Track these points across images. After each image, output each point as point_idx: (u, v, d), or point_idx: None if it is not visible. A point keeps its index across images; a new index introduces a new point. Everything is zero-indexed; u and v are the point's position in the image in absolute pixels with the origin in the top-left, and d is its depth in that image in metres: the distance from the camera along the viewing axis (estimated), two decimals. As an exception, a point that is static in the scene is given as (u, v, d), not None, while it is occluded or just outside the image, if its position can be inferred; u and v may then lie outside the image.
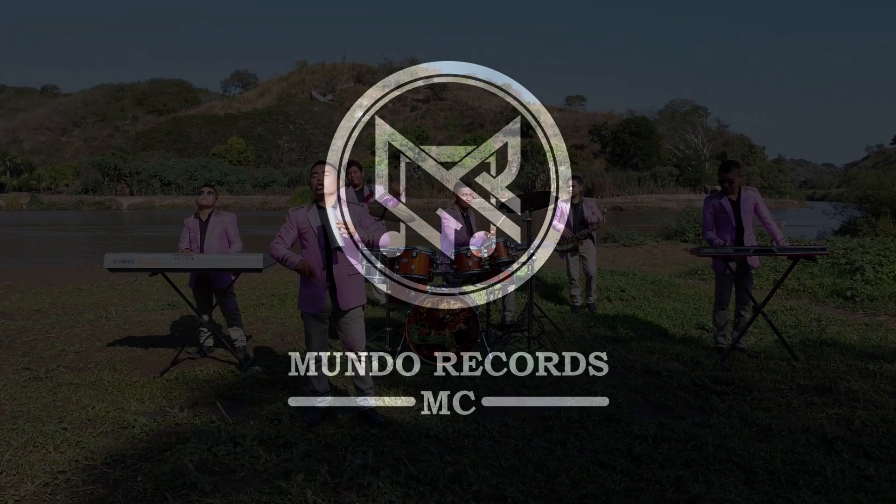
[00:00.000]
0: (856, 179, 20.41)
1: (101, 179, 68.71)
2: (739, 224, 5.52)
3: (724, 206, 5.55)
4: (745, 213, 5.51)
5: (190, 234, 5.59)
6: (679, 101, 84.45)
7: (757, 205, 5.54)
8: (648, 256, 14.56)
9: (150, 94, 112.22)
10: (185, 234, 5.62)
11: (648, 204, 61.65)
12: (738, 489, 3.16)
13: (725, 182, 5.51)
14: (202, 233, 5.55)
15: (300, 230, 4.13)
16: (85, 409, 4.31)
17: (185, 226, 5.65)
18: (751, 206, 5.52)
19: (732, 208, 5.53)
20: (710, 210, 5.67)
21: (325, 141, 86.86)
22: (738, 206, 5.53)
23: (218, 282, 5.57)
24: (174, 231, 22.62)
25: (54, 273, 12.09)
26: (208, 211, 5.62)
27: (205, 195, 5.60)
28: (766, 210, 5.57)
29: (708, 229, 5.70)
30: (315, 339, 4.17)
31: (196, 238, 5.55)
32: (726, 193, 5.56)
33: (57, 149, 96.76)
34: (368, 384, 4.21)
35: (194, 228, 5.60)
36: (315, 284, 4.08)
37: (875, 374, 5.02)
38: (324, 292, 4.08)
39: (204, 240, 5.53)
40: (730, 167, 5.53)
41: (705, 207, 5.72)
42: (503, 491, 3.08)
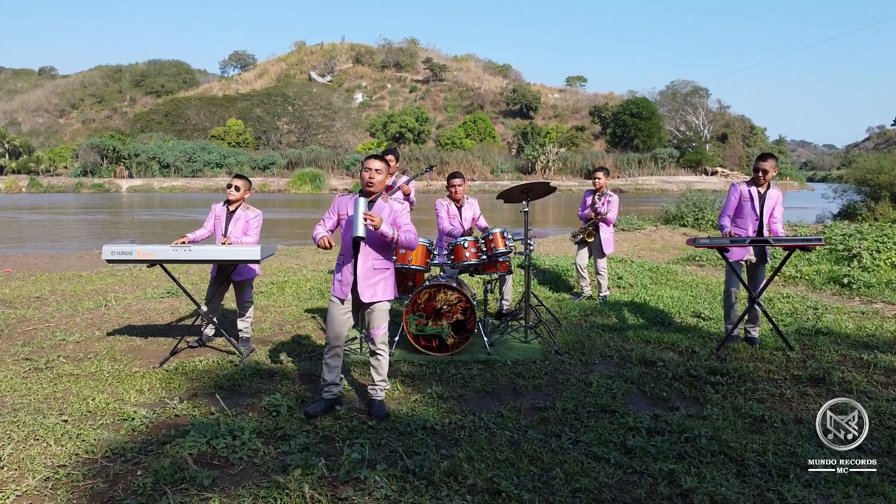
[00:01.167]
0: (856, 162, 20.35)
1: (100, 162, 68.43)
2: (761, 217, 5.54)
3: (752, 195, 5.56)
4: (767, 207, 5.55)
5: (216, 220, 5.63)
6: (680, 82, 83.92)
7: (777, 204, 5.57)
8: (647, 241, 14.57)
9: (148, 76, 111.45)
10: (211, 218, 5.67)
11: (648, 186, 61.57)
12: (729, 482, 3.21)
13: (760, 171, 5.51)
14: (227, 221, 5.60)
15: (340, 216, 4.19)
16: (85, 401, 4.34)
17: (213, 210, 5.69)
18: (773, 203, 5.55)
19: (759, 199, 5.54)
20: (735, 195, 5.66)
21: (325, 122, 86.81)
22: (764, 198, 5.54)
23: (237, 274, 5.59)
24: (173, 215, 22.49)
25: (54, 259, 12.11)
26: (236, 203, 5.63)
27: (231, 190, 5.58)
28: (780, 212, 5.60)
29: (726, 214, 5.71)
30: (333, 325, 4.17)
31: (221, 226, 5.60)
32: (756, 184, 5.56)
33: (55, 131, 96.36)
34: (382, 376, 4.25)
35: (221, 216, 5.64)
36: (343, 271, 4.13)
37: (869, 364, 5.06)
38: (350, 278, 4.11)
39: (228, 229, 5.57)
40: (767, 157, 5.56)
41: (731, 192, 5.72)
42: (497, 485, 3.12)
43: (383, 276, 4.17)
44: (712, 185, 60.15)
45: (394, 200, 4.22)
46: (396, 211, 4.16)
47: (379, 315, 4.17)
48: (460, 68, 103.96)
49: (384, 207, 4.12)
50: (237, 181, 5.65)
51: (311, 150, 72.67)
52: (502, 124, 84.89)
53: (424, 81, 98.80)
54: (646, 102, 77.69)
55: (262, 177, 66.77)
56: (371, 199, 4.10)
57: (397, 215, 4.14)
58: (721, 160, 74.78)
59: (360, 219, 3.90)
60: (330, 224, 4.22)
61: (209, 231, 5.64)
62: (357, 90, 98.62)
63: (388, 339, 4.29)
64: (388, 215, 4.10)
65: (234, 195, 5.59)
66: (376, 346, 4.20)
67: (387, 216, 4.08)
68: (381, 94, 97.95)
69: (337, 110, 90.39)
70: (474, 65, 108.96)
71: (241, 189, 5.62)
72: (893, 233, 9.87)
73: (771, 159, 5.55)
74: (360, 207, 3.92)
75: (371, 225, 3.90)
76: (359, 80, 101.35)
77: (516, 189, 5.74)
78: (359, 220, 3.90)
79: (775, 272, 5.61)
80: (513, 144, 77.90)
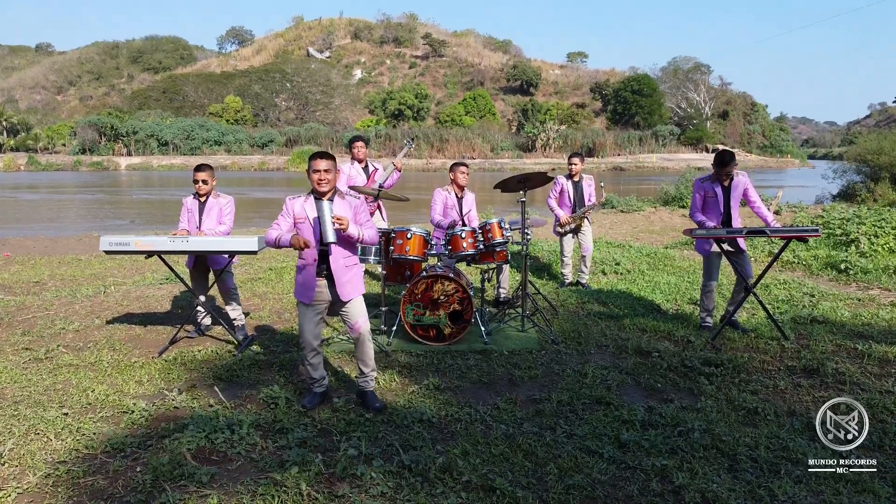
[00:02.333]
0: (858, 140, 20.28)
1: (98, 139, 68.16)
2: (728, 210, 5.59)
3: (716, 191, 5.60)
4: (734, 199, 5.61)
5: (188, 214, 5.62)
6: (682, 58, 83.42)
7: (747, 190, 5.62)
8: (646, 223, 14.58)
9: (146, 52, 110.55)
10: (184, 214, 5.65)
11: (649, 164, 61.37)
12: (721, 478, 3.25)
13: (723, 175, 5.53)
14: (200, 213, 5.59)
15: (296, 219, 4.12)
16: (85, 393, 4.38)
17: (185, 205, 5.67)
18: (741, 192, 5.60)
19: (723, 193, 5.57)
20: (700, 193, 5.72)
21: (323, 99, 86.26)
22: (728, 191, 5.57)
23: (215, 262, 5.60)
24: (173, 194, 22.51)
25: (53, 242, 12.12)
26: (206, 192, 5.62)
27: (200, 185, 5.55)
28: (755, 195, 5.64)
29: (696, 211, 5.75)
30: (308, 328, 4.18)
31: (195, 218, 5.59)
32: (719, 180, 5.58)
33: (53, 108, 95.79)
34: (370, 366, 4.28)
35: (193, 209, 5.62)
36: (306, 274, 4.11)
37: (863, 354, 5.09)
38: (314, 281, 4.10)
39: (201, 220, 5.57)
40: (728, 161, 5.53)
41: (695, 189, 5.77)
42: (492, 482, 3.16)
43: (355, 271, 4.20)
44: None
45: (350, 196, 4.20)
46: (356, 206, 4.14)
47: (357, 308, 4.18)
48: (460, 44, 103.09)
49: (345, 205, 4.09)
50: (201, 174, 5.55)
51: (309, 127, 72.33)
52: (502, 101, 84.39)
53: (424, 57, 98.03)
54: (647, 79, 77.21)
55: (260, 154, 66.54)
56: (329, 198, 4.05)
57: (357, 211, 4.13)
58: (722, 137, 74.50)
59: (328, 223, 3.87)
60: (286, 227, 4.12)
61: (186, 225, 5.60)
62: (356, 66, 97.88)
63: (369, 328, 4.29)
64: (350, 213, 4.08)
65: (203, 189, 5.56)
66: (362, 338, 4.21)
67: (349, 213, 4.06)
68: (379, 71, 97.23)
69: (335, 87, 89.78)
70: (474, 40, 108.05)
71: (208, 182, 5.59)
72: (892, 217, 9.85)
73: (733, 162, 5.54)
74: (327, 212, 3.87)
75: (340, 227, 3.89)
76: (357, 57, 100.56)
77: (514, 179, 5.73)
78: (327, 225, 3.87)
79: (771, 262, 5.63)
80: (513, 122, 77.54)
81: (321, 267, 4.08)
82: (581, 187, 7.51)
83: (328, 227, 3.86)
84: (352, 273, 4.16)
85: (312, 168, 3.99)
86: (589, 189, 7.56)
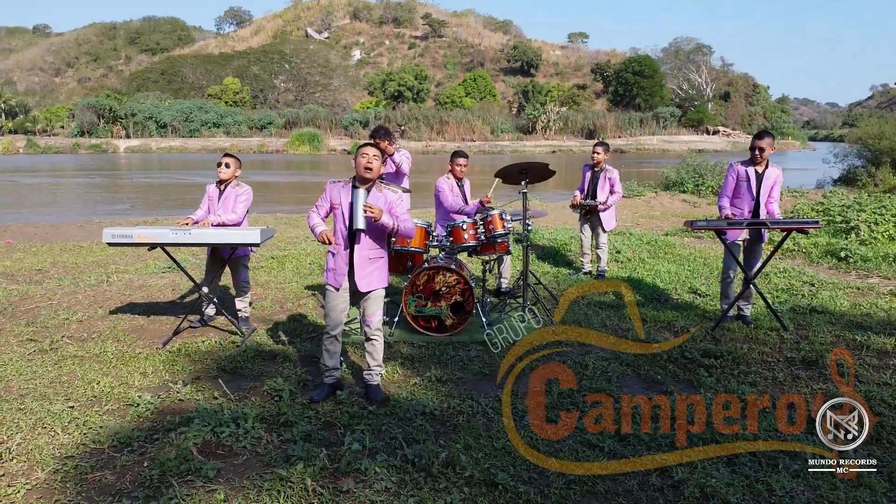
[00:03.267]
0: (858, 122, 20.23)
1: (97, 122, 67.85)
2: (758, 197, 5.56)
3: (749, 175, 5.57)
4: (765, 187, 5.55)
5: (209, 202, 5.71)
6: (683, 39, 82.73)
7: (776, 183, 5.57)
8: (647, 208, 14.59)
9: (143, 33, 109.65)
10: (205, 201, 5.74)
11: (650, 146, 61.15)
12: (720, 473, 3.30)
13: (756, 150, 5.50)
14: (218, 200, 5.66)
15: (332, 205, 4.19)
16: (90, 385, 4.42)
17: (207, 192, 5.76)
18: (772, 182, 5.55)
19: (756, 179, 5.55)
20: (732, 175, 5.68)
21: (322, 80, 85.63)
22: (761, 178, 5.55)
23: (230, 254, 5.62)
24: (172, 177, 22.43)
25: (54, 229, 12.13)
26: (226, 181, 5.66)
27: (221, 168, 5.61)
28: (778, 192, 5.61)
29: (725, 195, 5.73)
30: (332, 314, 4.23)
31: (214, 206, 5.66)
32: (754, 163, 5.56)
33: (51, 90, 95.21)
34: (378, 361, 4.33)
35: (213, 196, 5.70)
36: (338, 260, 4.16)
37: (862, 345, 5.13)
38: (345, 268, 4.15)
39: (218, 208, 5.64)
40: (763, 135, 5.55)
41: (729, 172, 5.74)
42: (494, 476, 3.21)
43: (378, 265, 4.23)
44: (714, 145, 59.80)
45: (388, 190, 4.23)
46: (391, 201, 4.19)
47: (374, 302, 4.24)
48: (460, 24, 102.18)
49: (380, 198, 4.14)
50: (227, 158, 5.69)
51: (308, 109, 71.91)
52: (503, 82, 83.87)
53: (423, 38, 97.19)
54: (648, 60, 76.69)
55: (259, 137, 66.27)
56: (367, 188, 4.11)
57: (392, 205, 4.18)
58: (723, 119, 74.17)
59: (360, 210, 3.93)
60: (323, 212, 4.24)
61: (206, 213, 5.68)
62: (355, 47, 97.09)
63: (382, 324, 4.35)
64: (385, 205, 4.12)
65: (224, 172, 5.60)
66: (372, 331, 4.27)
67: (383, 206, 4.09)
68: (379, 52, 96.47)
69: (334, 68, 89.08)
70: (474, 20, 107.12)
71: (231, 166, 5.63)
72: (892, 204, 9.86)
73: (767, 137, 5.54)
74: (360, 199, 3.95)
75: (371, 216, 3.93)
76: (356, 37, 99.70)
77: (514, 169, 5.73)
78: (359, 212, 3.93)
79: (771, 254, 5.65)
80: (513, 103, 77.11)
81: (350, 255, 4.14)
82: (598, 177, 7.48)
83: (359, 214, 3.92)
84: (374, 266, 4.20)
85: (361, 153, 4.09)
86: (604, 181, 7.48)
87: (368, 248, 4.15)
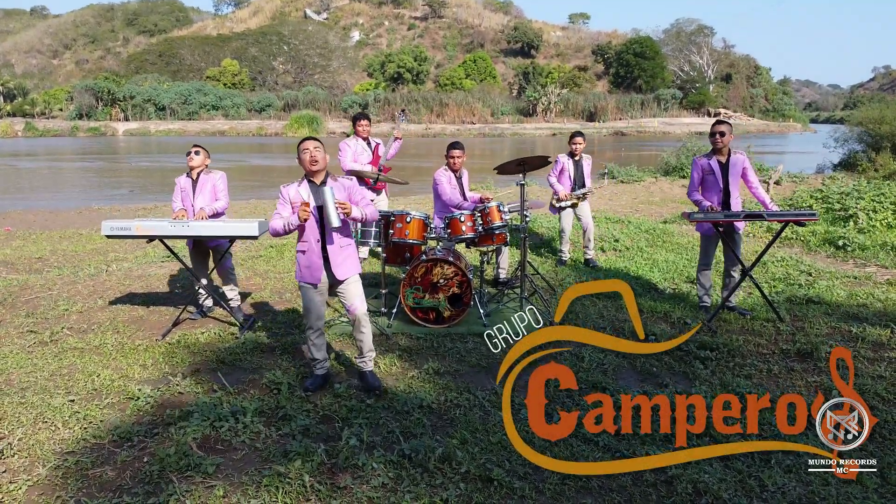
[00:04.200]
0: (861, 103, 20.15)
1: (95, 104, 67.47)
2: (727, 187, 5.57)
3: (713, 168, 5.60)
4: (732, 176, 5.59)
5: (182, 193, 5.66)
6: (685, 20, 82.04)
7: (745, 170, 5.61)
8: (646, 194, 14.57)
9: (141, 14, 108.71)
10: (177, 193, 5.69)
11: (651, 129, 60.83)
12: (713, 468, 3.34)
13: (717, 134, 5.53)
14: (193, 191, 5.61)
15: (293, 204, 4.17)
16: (91, 378, 4.46)
17: (178, 185, 5.70)
18: (739, 170, 5.59)
19: (721, 170, 5.57)
20: (697, 170, 5.72)
21: (321, 62, 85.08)
22: (726, 168, 5.57)
23: (215, 241, 5.64)
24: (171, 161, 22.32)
25: (53, 216, 12.14)
26: (198, 170, 5.64)
27: (192, 156, 5.60)
28: (754, 176, 5.64)
29: (694, 189, 5.77)
30: (313, 310, 4.27)
31: (189, 197, 5.62)
32: (716, 152, 5.59)
33: (49, 72, 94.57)
34: (369, 346, 4.36)
35: (186, 188, 5.66)
36: (311, 256, 4.17)
37: (857, 337, 5.16)
38: (319, 262, 4.17)
39: (195, 198, 5.60)
40: (719, 123, 5.61)
41: (693, 167, 5.78)
42: (490, 472, 3.25)
43: (349, 252, 4.28)
44: (715, 128, 59.43)
45: (343, 178, 4.30)
46: (349, 187, 4.25)
47: (354, 289, 4.27)
48: (460, 4, 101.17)
49: (339, 187, 4.18)
50: (195, 147, 5.70)
51: (307, 91, 71.44)
52: (503, 63, 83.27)
53: (423, 18, 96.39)
54: (649, 41, 76.10)
55: (258, 119, 65.93)
56: (321, 181, 4.13)
57: (351, 192, 4.24)
58: (724, 101, 73.75)
59: (332, 208, 3.95)
60: (286, 214, 4.19)
61: (181, 205, 5.64)
62: (354, 28, 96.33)
63: (366, 308, 4.36)
64: (345, 193, 4.19)
65: (195, 160, 5.59)
66: (359, 317, 4.28)
67: (344, 196, 4.18)
68: (378, 33, 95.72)
69: (333, 49, 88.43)
70: (474, 1, 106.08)
71: (200, 154, 5.65)
72: (891, 192, 9.85)
73: (724, 125, 5.58)
74: (330, 197, 3.96)
75: (344, 212, 4.00)
76: (355, 18, 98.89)
77: (512, 163, 5.73)
78: (331, 210, 3.95)
79: (768, 245, 5.66)
80: (514, 85, 76.64)
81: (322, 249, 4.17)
82: (581, 166, 7.54)
83: (332, 213, 3.93)
84: (346, 253, 4.24)
85: (301, 149, 4.11)
86: (588, 168, 7.60)
87: (338, 239, 4.19)
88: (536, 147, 42.85)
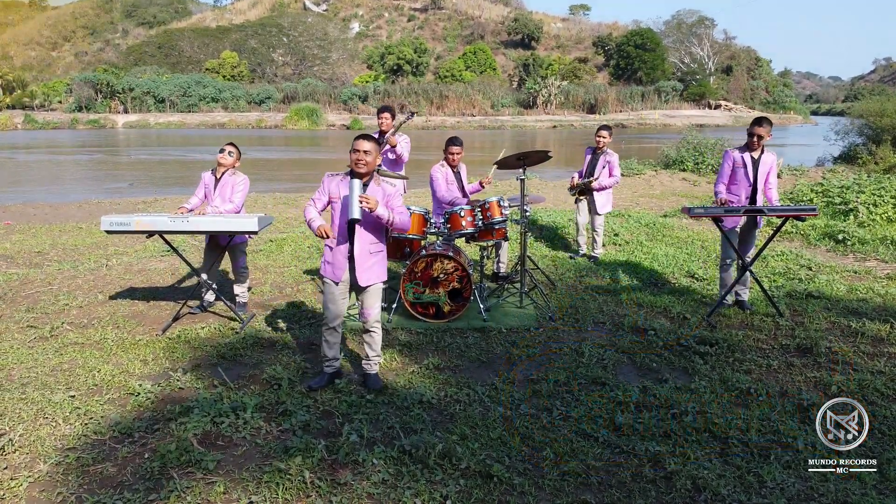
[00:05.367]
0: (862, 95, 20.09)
1: (95, 97, 67.30)
2: (755, 182, 5.56)
3: (745, 161, 5.57)
4: (762, 173, 5.56)
5: (205, 189, 5.71)
6: (686, 12, 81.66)
7: (771, 170, 5.58)
8: (647, 187, 14.56)
9: (140, 5, 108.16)
10: (200, 188, 5.74)
11: (651, 121, 60.72)
12: (712, 464, 3.35)
13: (754, 136, 5.51)
14: (215, 188, 5.65)
15: (331, 198, 4.19)
16: (91, 373, 4.47)
17: (202, 179, 5.74)
18: (768, 168, 5.56)
19: (753, 165, 5.55)
20: (728, 162, 5.68)
21: (321, 54, 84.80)
22: (758, 164, 5.55)
23: (226, 238, 5.64)
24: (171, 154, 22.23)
25: (53, 210, 12.12)
26: (224, 169, 5.65)
27: (224, 155, 5.61)
28: (774, 178, 5.63)
29: (721, 181, 5.73)
30: (331, 307, 4.24)
31: (210, 193, 5.66)
32: (750, 149, 5.56)
33: (48, 64, 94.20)
34: (377, 351, 4.37)
35: (209, 184, 5.69)
36: (336, 253, 4.16)
37: (857, 332, 5.17)
38: (344, 262, 4.16)
39: (214, 196, 5.63)
40: (761, 121, 5.56)
41: (724, 158, 5.74)
42: (489, 468, 3.26)
43: (378, 259, 4.23)
44: (715, 120, 59.49)
45: (386, 183, 4.22)
46: (389, 194, 4.18)
47: (373, 295, 4.26)
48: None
49: (377, 190, 4.12)
50: (230, 147, 5.70)
51: (307, 83, 71.20)
52: (503, 55, 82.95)
53: (423, 10, 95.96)
54: (650, 33, 75.79)
55: (258, 111, 65.77)
56: (364, 181, 4.10)
57: (390, 198, 4.17)
58: (725, 93, 73.55)
59: (355, 201, 3.92)
60: (321, 205, 4.23)
61: (201, 200, 5.69)
62: (353, 19, 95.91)
63: (380, 316, 4.37)
64: (382, 198, 4.11)
65: (226, 160, 5.60)
66: (370, 324, 4.29)
67: (380, 199, 4.09)
68: (377, 24, 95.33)
69: (333, 41, 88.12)
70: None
71: (233, 154, 5.64)
72: (891, 185, 9.84)
73: (766, 124, 5.53)
74: (356, 190, 3.94)
75: (367, 207, 3.93)
76: (355, 9, 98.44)
77: (512, 157, 5.72)
78: (354, 202, 3.92)
79: (768, 241, 5.66)
80: (514, 77, 76.40)
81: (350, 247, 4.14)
82: (597, 160, 7.46)
83: (354, 204, 3.91)
84: (374, 259, 4.20)
85: (353, 147, 4.06)
86: (605, 164, 7.43)
87: (369, 242, 4.15)
88: (537, 139, 42.77)
